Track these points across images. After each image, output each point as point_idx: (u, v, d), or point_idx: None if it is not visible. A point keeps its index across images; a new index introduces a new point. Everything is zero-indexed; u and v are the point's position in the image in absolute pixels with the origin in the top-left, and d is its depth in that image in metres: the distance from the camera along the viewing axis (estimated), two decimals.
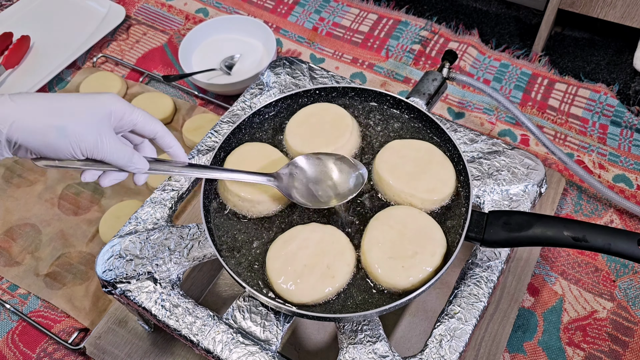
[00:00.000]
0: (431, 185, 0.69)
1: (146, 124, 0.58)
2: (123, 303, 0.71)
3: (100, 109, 0.54)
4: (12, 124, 0.50)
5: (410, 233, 0.65)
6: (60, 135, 0.52)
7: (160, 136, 0.60)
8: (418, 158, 0.71)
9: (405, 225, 0.66)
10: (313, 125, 0.75)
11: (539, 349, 0.82)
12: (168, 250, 0.70)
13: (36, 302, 0.89)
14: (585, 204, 0.96)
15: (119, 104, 0.56)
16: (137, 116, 0.57)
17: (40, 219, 0.97)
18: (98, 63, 1.21)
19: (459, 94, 1.11)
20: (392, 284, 0.63)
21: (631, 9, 1.04)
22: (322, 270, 0.64)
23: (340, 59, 1.19)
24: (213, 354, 0.63)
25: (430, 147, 0.73)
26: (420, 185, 0.69)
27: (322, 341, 0.81)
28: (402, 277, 0.62)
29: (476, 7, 1.28)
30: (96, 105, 0.54)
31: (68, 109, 0.52)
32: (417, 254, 0.64)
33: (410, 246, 0.64)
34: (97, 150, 0.54)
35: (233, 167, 0.72)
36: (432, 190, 0.69)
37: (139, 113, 0.57)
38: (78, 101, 0.54)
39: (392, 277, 0.63)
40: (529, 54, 1.17)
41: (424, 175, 0.70)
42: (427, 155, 0.72)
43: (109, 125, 0.55)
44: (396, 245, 0.64)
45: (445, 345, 0.62)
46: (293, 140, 0.74)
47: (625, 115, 1.06)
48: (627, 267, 0.89)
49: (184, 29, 1.26)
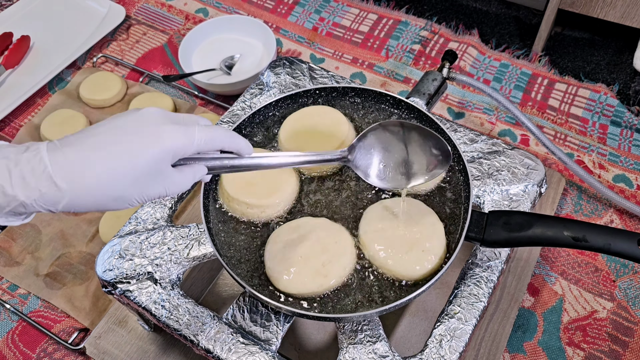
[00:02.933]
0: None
1: (209, 146, 0.50)
2: (123, 303, 0.71)
3: (156, 159, 0.46)
4: (65, 205, 0.45)
5: (411, 221, 0.66)
6: (118, 203, 0.47)
7: (225, 147, 0.53)
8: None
9: (406, 214, 0.67)
10: (308, 129, 0.75)
11: (539, 349, 0.82)
12: (168, 250, 0.70)
13: (36, 302, 0.89)
14: (585, 204, 0.96)
15: (177, 142, 0.47)
16: (199, 143, 0.49)
17: (40, 219, 0.97)
18: (98, 63, 1.21)
19: (459, 94, 1.11)
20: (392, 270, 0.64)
21: (631, 9, 1.04)
22: (317, 267, 0.63)
23: (340, 59, 1.19)
24: (213, 354, 0.63)
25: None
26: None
27: (322, 341, 0.81)
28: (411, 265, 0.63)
29: (476, 7, 1.28)
30: (152, 156, 0.46)
31: (122, 173, 0.45)
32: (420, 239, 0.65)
33: (412, 233, 0.65)
34: (159, 196, 0.49)
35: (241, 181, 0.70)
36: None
37: (200, 140, 0.49)
38: (132, 156, 0.45)
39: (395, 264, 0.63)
40: (529, 54, 1.17)
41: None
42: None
43: (167, 167, 0.48)
44: (398, 233, 0.65)
45: (445, 345, 0.62)
46: (286, 143, 0.74)
47: (625, 115, 1.06)
48: (627, 267, 0.89)
49: (184, 29, 1.26)
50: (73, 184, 0.44)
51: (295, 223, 0.67)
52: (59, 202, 0.44)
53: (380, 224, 0.66)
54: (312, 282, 0.63)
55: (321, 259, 0.64)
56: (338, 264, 0.64)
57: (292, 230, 0.66)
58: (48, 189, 0.44)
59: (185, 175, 0.50)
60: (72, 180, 0.44)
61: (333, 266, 0.64)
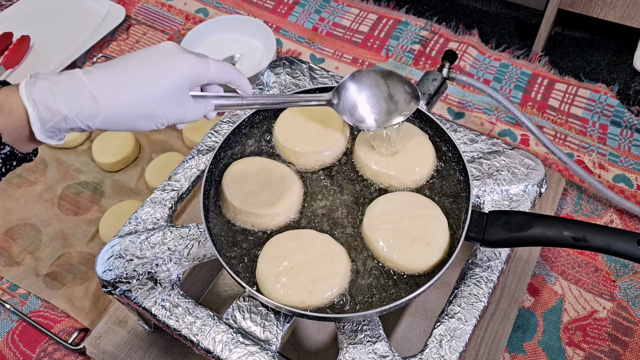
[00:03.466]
0: (413, 161, 0.72)
1: (220, 77, 0.57)
2: (123, 303, 0.71)
3: (179, 80, 0.53)
4: (102, 120, 0.50)
5: (413, 214, 0.67)
6: (147, 121, 0.52)
7: (232, 82, 0.60)
8: None
9: (408, 207, 0.67)
10: (304, 123, 0.75)
11: (539, 349, 0.82)
12: (168, 250, 0.70)
13: (36, 302, 0.89)
14: (585, 204, 0.96)
15: (195, 68, 0.54)
16: (213, 73, 0.56)
17: (40, 219, 0.97)
18: (98, 63, 1.21)
19: (459, 94, 1.11)
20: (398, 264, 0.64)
21: (631, 9, 1.04)
22: (304, 282, 0.63)
23: (340, 59, 1.19)
24: (213, 354, 0.63)
25: None
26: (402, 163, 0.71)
27: (322, 341, 0.81)
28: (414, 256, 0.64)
29: (476, 7, 1.28)
30: (176, 77, 0.53)
31: (150, 93, 0.51)
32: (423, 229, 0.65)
33: (415, 226, 0.66)
34: (178, 120, 0.55)
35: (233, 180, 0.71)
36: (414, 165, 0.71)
37: (214, 70, 0.56)
38: (158, 77, 0.52)
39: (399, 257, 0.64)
40: (529, 54, 1.17)
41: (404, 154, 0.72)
42: None
43: (187, 91, 0.55)
44: (401, 225, 0.66)
45: (445, 345, 0.62)
46: (280, 135, 0.75)
47: (625, 115, 1.06)
48: (627, 267, 0.89)
49: (184, 29, 1.26)
50: (110, 99, 0.49)
51: (298, 233, 0.67)
52: (97, 115, 0.49)
53: (385, 217, 0.66)
54: (295, 296, 0.62)
55: (311, 275, 0.63)
56: (327, 284, 0.63)
57: (293, 238, 0.66)
58: (88, 103, 0.49)
59: (199, 104, 0.56)
60: (109, 95, 0.49)
61: (321, 285, 0.62)
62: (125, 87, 0.50)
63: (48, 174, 1.03)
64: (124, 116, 0.51)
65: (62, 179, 1.02)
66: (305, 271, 0.63)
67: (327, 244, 0.66)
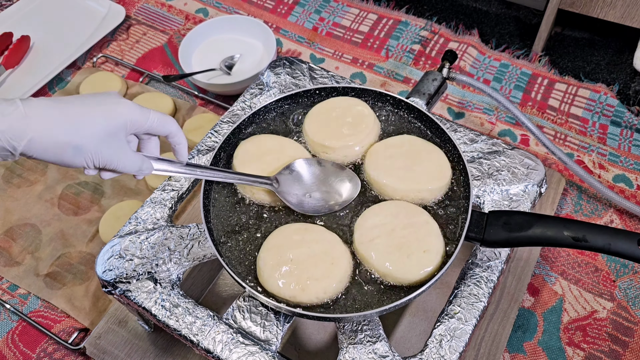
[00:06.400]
0: (430, 173, 0.70)
1: (160, 128, 0.58)
2: (123, 303, 0.71)
3: (116, 121, 0.54)
4: (28, 141, 0.49)
5: (404, 223, 0.66)
6: (76, 154, 0.52)
7: (172, 135, 0.60)
8: (404, 153, 0.72)
9: (397, 217, 0.66)
10: (334, 119, 0.75)
11: (539, 349, 0.82)
12: (168, 250, 0.70)
13: (36, 302, 0.89)
14: (585, 204, 0.96)
15: (134, 114, 0.55)
16: (152, 122, 0.57)
17: (40, 219, 0.97)
18: (98, 63, 1.21)
19: (459, 94, 1.11)
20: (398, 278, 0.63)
21: (631, 9, 1.04)
22: (300, 277, 0.62)
23: (340, 59, 1.19)
24: (213, 354, 0.63)
25: (411, 138, 0.74)
26: (419, 177, 0.70)
27: (322, 341, 0.82)
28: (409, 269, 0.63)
29: (476, 7, 1.28)
30: (113, 117, 0.53)
31: (84, 124, 0.52)
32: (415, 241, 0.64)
33: (408, 236, 0.65)
34: (110, 164, 0.55)
35: (247, 155, 0.73)
36: (433, 178, 0.70)
37: (153, 119, 0.57)
38: (94, 114, 0.52)
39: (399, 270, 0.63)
40: (529, 54, 1.17)
41: (418, 167, 0.70)
42: (411, 147, 0.73)
43: (123, 137, 0.55)
44: (394, 237, 0.65)
45: (445, 345, 0.62)
46: (310, 128, 0.75)
47: (625, 115, 1.06)
48: (627, 267, 0.89)
49: (184, 29, 1.26)
50: (41, 121, 0.49)
51: (309, 227, 0.67)
52: (24, 135, 0.49)
53: (376, 231, 0.65)
54: (286, 289, 0.62)
55: (308, 273, 0.63)
56: (321, 284, 0.62)
57: (300, 231, 0.66)
58: (18, 123, 0.48)
59: (135, 156, 0.57)
60: (40, 116, 0.49)
61: (316, 284, 0.62)
62: (59, 114, 0.50)
63: (48, 174, 1.03)
64: (53, 143, 0.50)
65: (62, 179, 1.02)
66: (303, 267, 0.63)
67: (333, 244, 0.65)
